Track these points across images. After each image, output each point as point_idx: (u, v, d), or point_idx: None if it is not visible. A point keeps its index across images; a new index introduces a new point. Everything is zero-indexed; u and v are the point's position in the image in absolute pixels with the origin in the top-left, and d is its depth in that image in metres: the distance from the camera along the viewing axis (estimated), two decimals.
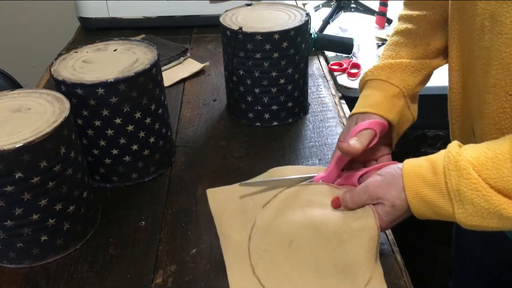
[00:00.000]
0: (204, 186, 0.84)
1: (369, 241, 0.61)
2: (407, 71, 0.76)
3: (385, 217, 0.61)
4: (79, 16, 1.49)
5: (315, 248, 0.63)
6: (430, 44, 0.77)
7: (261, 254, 0.65)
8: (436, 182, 0.56)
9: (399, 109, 0.74)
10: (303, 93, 1.02)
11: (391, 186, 0.60)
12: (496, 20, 0.57)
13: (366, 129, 0.69)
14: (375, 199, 0.62)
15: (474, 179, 0.54)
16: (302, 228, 0.64)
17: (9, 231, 0.67)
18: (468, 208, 0.54)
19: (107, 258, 0.71)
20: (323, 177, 0.71)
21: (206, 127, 1.02)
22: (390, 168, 0.62)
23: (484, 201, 0.53)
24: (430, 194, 0.57)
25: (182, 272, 0.68)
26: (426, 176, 0.57)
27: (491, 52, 0.59)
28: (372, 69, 0.77)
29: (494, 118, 0.62)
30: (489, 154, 0.54)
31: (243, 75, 0.97)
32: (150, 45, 0.87)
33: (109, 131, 0.80)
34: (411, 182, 0.58)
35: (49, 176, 0.66)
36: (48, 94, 0.73)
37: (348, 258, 0.61)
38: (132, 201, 0.82)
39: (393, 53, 0.78)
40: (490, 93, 0.61)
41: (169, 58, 1.25)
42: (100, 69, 0.80)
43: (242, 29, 0.92)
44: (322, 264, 0.62)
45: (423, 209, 0.58)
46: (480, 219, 0.54)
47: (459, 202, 0.55)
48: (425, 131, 1.49)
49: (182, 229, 0.75)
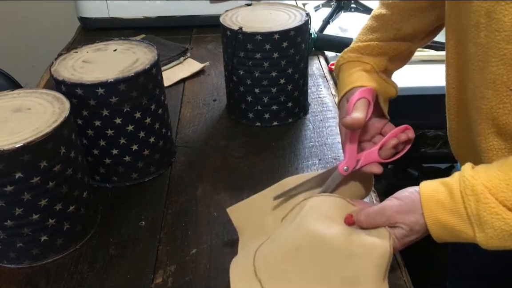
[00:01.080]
0: (204, 186, 0.84)
1: (380, 258, 0.60)
2: (374, 52, 0.79)
3: (402, 239, 0.62)
4: (79, 16, 1.49)
5: (323, 257, 0.61)
6: (400, 30, 0.79)
7: (265, 257, 0.63)
8: (455, 208, 0.57)
9: (377, 79, 0.77)
10: (303, 93, 1.02)
11: (410, 211, 0.60)
12: (493, 18, 0.58)
13: (359, 100, 0.70)
14: (392, 223, 0.62)
15: (492, 203, 0.54)
16: (311, 236, 0.62)
17: (9, 231, 0.67)
18: (489, 232, 0.55)
19: (107, 258, 0.71)
20: (346, 162, 0.70)
21: (206, 127, 1.02)
22: (408, 192, 0.62)
23: (504, 224, 0.54)
24: (450, 219, 0.57)
25: (182, 272, 0.68)
26: (445, 202, 0.58)
27: (488, 49, 0.60)
28: (343, 54, 0.81)
29: (492, 114, 0.62)
30: (501, 176, 0.55)
31: (243, 75, 0.97)
32: (150, 45, 0.87)
33: (109, 131, 0.80)
34: (430, 208, 0.58)
35: (49, 176, 0.66)
36: (48, 94, 0.73)
37: (356, 272, 0.60)
38: (132, 201, 0.82)
39: (364, 37, 0.81)
40: (489, 89, 0.62)
41: (169, 58, 1.25)
42: (100, 69, 0.80)
43: (242, 29, 0.92)
44: (329, 274, 0.60)
45: (442, 234, 0.59)
46: (502, 241, 0.55)
47: (479, 226, 0.55)
48: (425, 131, 1.49)
49: (182, 229, 0.75)
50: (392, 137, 0.70)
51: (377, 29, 0.81)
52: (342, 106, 0.76)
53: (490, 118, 0.63)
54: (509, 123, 0.61)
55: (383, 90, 0.77)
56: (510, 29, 0.56)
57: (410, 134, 0.71)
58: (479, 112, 0.64)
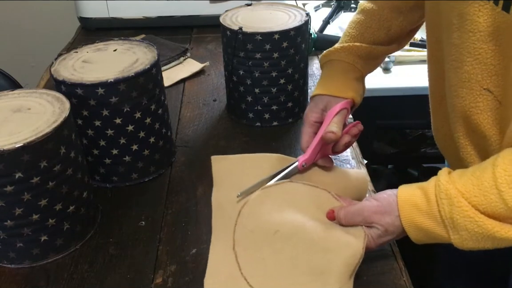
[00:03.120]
0: (204, 186, 0.84)
1: (350, 257, 0.62)
2: (369, 57, 0.81)
3: (377, 239, 0.63)
4: (79, 16, 1.49)
5: (298, 245, 0.64)
6: (391, 29, 0.81)
7: (245, 234, 0.67)
8: (430, 211, 0.59)
9: (360, 90, 0.81)
10: (303, 93, 1.02)
11: (386, 213, 0.62)
12: (466, 19, 0.59)
13: (340, 110, 0.75)
14: (368, 223, 0.64)
15: (465, 207, 0.56)
16: (291, 223, 0.66)
17: (9, 231, 0.67)
18: (463, 234, 0.57)
19: (107, 258, 0.71)
20: (306, 159, 0.75)
21: (206, 127, 1.02)
22: (386, 194, 0.64)
23: (477, 227, 0.56)
24: (425, 222, 0.59)
25: (182, 272, 0.68)
26: (420, 205, 0.60)
27: (462, 49, 0.61)
28: (339, 49, 0.82)
29: (466, 112, 0.64)
30: (474, 182, 0.56)
31: (243, 75, 0.97)
32: (150, 45, 0.87)
33: (109, 131, 0.80)
34: (406, 211, 0.61)
35: (49, 176, 0.66)
36: (48, 94, 0.73)
37: (325, 265, 0.62)
38: (132, 201, 0.82)
39: (357, 33, 0.82)
40: (463, 88, 0.63)
41: (169, 58, 1.25)
42: (100, 69, 0.80)
43: (242, 29, 0.92)
44: (300, 262, 0.64)
45: (420, 236, 0.61)
46: (476, 243, 0.57)
47: (453, 229, 0.57)
48: (425, 131, 1.49)
49: (182, 229, 0.75)
50: (345, 134, 0.75)
51: (369, 25, 0.81)
52: (318, 104, 0.78)
53: (464, 116, 0.65)
54: (480, 122, 0.63)
55: (359, 102, 0.81)
56: (486, 29, 0.58)
57: (360, 127, 0.77)
58: (454, 110, 0.66)
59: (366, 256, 0.67)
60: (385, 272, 0.66)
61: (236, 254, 0.66)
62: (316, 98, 0.80)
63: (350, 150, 0.92)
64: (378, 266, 0.67)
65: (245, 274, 0.64)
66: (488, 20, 0.57)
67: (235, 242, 0.67)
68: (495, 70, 0.59)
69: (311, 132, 0.77)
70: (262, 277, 0.64)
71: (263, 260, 0.65)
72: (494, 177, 0.55)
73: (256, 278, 0.64)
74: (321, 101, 0.78)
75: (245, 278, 0.64)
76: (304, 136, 0.77)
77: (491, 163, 0.56)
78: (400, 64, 1.35)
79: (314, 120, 0.77)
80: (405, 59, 1.35)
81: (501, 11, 0.55)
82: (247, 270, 0.64)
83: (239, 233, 0.67)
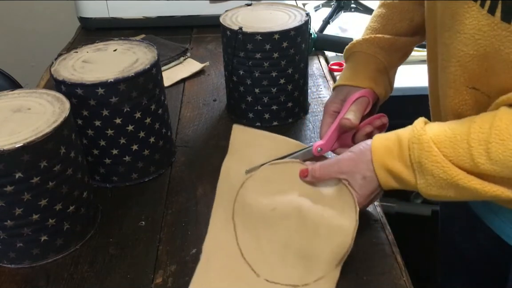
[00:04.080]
0: (204, 186, 0.84)
1: (338, 247, 0.63)
2: (392, 48, 0.81)
3: (360, 190, 0.65)
4: (79, 16, 1.49)
5: (291, 226, 0.66)
6: (413, 20, 0.81)
7: (244, 206, 0.69)
8: (401, 154, 0.61)
9: (385, 83, 0.80)
10: (303, 93, 1.02)
11: (360, 160, 0.64)
12: (456, 20, 0.59)
13: (361, 97, 0.75)
14: (344, 173, 0.65)
15: (434, 152, 0.58)
16: (289, 203, 0.68)
17: (9, 231, 0.67)
18: (429, 178, 0.59)
19: (107, 258, 0.71)
20: (323, 144, 0.75)
21: (206, 127, 1.02)
22: (360, 145, 0.66)
23: (442, 172, 0.57)
24: (395, 165, 0.61)
25: (182, 272, 0.68)
26: (393, 148, 0.62)
27: (450, 50, 0.62)
28: (361, 41, 0.82)
29: (456, 110, 0.65)
30: (448, 133, 0.58)
31: (243, 75, 0.97)
32: (150, 45, 0.87)
33: (109, 131, 0.80)
34: (379, 153, 0.63)
35: (49, 176, 0.66)
36: (48, 94, 0.73)
37: (313, 251, 0.64)
38: (132, 201, 0.82)
39: (379, 26, 0.82)
40: (451, 88, 0.64)
41: (169, 58, 1.25)
42: (100, 69, 0.80)
43: (242, 29, 0.92)
44: (291, 243, 0.66)
45: (389, 180, 0.63)
46: (439, 189, 0.59)
47: (420, 173, 0.59)
48: None
49: (182, 229, 0.75)
50: (367, 124, 0.75)
51: (391, 17, 0.81)
52: (338, 95, 0.78)
53: (455, 114, 0.65)
54: None
55: (384, 95, 0.80)
56: (469, 31, 0.58)
57: (384, 120, 0.77)
58: (446, 109, 0.67)
59: (366, 256, 0.67)
60: (385, 272, 0.66)
61: (234, 224, 0.69)
62: (337, 88, 0.80)
63: None
64: (378, 266, 0.67)
65: (240, 245, 0.67)
66: (472, 22, 0.57)
67: (234, 212, 0.69)
68: (476, 73, 0.60)
69: (330, 122, 0.77)
70: (255, 252, 0.66)
71: (258, 236, 0.67)
72: (469, 131, 0.56)
73: (250, 251, 0.67)
74: (341, 92, 0.79)
75: (240, 249, 0.67)
76: (323, 125, 0.78)
77: (470, 119, 0.58)
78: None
79: (334, 110, 0.78)
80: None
81: (486, 13, 0.55)
82: (242, 242, 0.67)
83: (239, 204, 0.70)
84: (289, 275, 0.64)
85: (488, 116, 0.56)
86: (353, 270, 0.66)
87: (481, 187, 0.57)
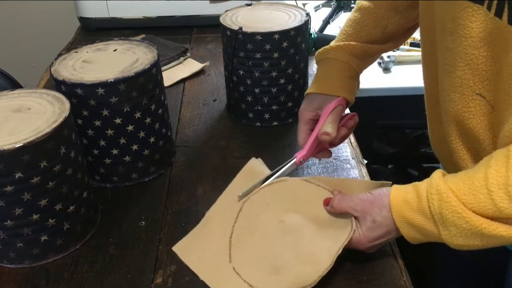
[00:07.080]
0: (204, 186, 0.84)
1: (308, 274, 0.63)
2: (364, 55, 0.82)
3: (366, 232, 0.64)
4: (79, 16, 1.49)
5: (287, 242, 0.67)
6: (387, 28, 0.81)
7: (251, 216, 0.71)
8: (420, 206, 0.59)
9: (355, 89, 0.82)
10: (303, 93, 1.01)
11: (376, 203, 0.63)
12: (459, 24, 0.59)
13: (336, 107, 0.76)
14: (358, 211, 0.65)
15: (453, 202, 0.56)
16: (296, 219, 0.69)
17: (9, 231, 0.67)
18: (452, 229, 0.57)
19: (107, 258, 0.71)
20: (304, 155, 0.76)
21: (206, 127, 1.02)
22: (380, 190, 0.65)
23: (465, 223, 0.56)
24: (416, 217, 0.60)
25: (182, 272, 0.68)
26: (411, 201, 0.60)
27: (455, 54, 0.61)
28: (335, 47, 0.82)
29: (458, 117, 0.64)
30: (466, 181, 0.57)
31: (243, 75, 0.97)
32: (150, 45, 0.87)
33: (109, 131, 0.80)
34: (397, 206, 0.61)
35: (49, 176, 0.66)
36: (48, 94, 0.73)
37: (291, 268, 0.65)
38: (132, 201, 0.82)
39: (353, 32, 0.82)
40: (456, 92, 0.63)
41: (169, 58, 1.25)
42: (100, 69, 0.80)
43: (242, 29, 0.92)
44: (278, 256, 0.66)
45: (413, 233, 0.61)
46: (465, 239, 0.57)
47: (442, 224, 0.58)
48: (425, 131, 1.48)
49: (182, 229, 0.75)
50: (341, 127, 0.77)
51: (365, 24, 0.81)
52: (312, 103, 0.79)
53: (457, 120, 0.65)
54: (473, 127, 0.63)
55: (353, 100, 0.82)
56: (478, 35, 0.58)
57: (356, 119, 0.79)
58: (447, 114, 0.66)
59: (366, 256, 0.67)
60: (385, 272, 0.66)
61: (234, 225, 0.71)
62: (310, 96, 0.81)
63: (350, 150, 0.92)
64: (378, 266, 0.67)
65: (233, 235, 0.70)
66: (480, 26, 0.57)
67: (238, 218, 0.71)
68: (487, 75, 0.59)
69: (307, 129, 0.78)
70: (242, 248, 0.68)
71: (252, 240, 0.69)
72: (486, 177, 0.55)
73: (239, 242, 0.69)
74: (315, 100, 0.79)
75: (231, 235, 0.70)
76: (301, 133, 0.79)
77: (485, 164, 0.56)
78: (400, 64, 1.35)
79: (309, 118, 0.79)
80: (405, 59, 1.35)
81: (494, 17, 0.55)
82: (237, 230, 0.70)
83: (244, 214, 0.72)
84: (259, 279, 0.65)
85: (501, 159, 0.55)
86: (353, 270, 0.67)
87: (507, 234, 0.55)
